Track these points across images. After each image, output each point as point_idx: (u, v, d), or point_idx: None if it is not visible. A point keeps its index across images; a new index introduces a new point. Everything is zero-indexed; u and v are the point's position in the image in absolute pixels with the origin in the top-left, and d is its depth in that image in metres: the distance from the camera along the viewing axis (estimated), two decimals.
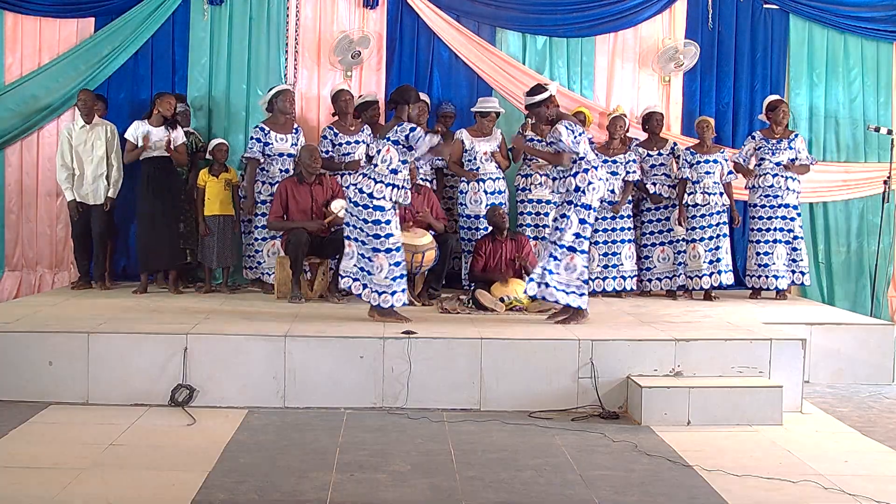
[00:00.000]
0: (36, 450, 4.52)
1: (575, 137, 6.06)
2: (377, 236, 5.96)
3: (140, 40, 8.23)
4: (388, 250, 5.98)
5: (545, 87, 6.30)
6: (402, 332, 5.58)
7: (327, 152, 7.61)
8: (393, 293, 6.02)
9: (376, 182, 5.95)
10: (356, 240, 6.07)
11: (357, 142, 7.73)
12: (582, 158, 6.10)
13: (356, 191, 6.01)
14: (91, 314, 6.20)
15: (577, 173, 6.08)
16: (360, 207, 5.97)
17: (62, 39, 8.30)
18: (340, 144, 7.72)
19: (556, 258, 6.09)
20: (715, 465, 4.42)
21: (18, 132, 8.26)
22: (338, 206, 7.14)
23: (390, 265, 5.99)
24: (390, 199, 5.97)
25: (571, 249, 6.07)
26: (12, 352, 5.43)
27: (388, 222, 5.98)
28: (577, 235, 6.07)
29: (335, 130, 7.77)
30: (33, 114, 8.23)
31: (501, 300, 6.83)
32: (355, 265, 6.13)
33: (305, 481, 4.10)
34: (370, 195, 5.93)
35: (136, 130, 7.36)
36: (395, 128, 6.00)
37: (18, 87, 8.20)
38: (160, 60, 8.34)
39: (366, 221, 5.97)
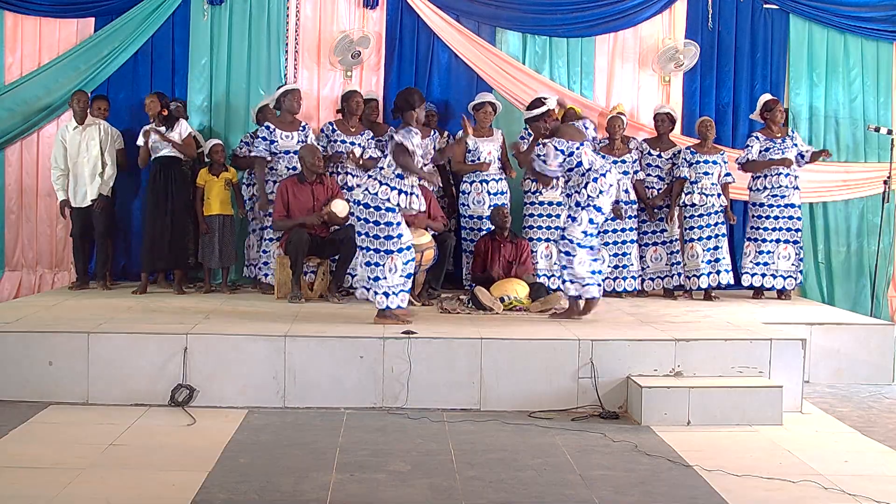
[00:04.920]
0: (36, 450, 4.51)
1: (570, 157, 6.16)
2: (389, 237, 5.92)
3: (140, 40, 8.24)
4: (401, 250, 5.96)
5: (544, 101, 6.35)
6: (403, 332, 5.58)
7: (324, 148, 7.60)
8: (398, 293, 6.00)
9: (381, 184, 5.92)
10: (366, 248, 5.99)
11: (353, 143, 7.71)
12: (590, 169, 6.20)
13: (363, 192, 5.97)
14: (91, 314, 6.20)
15: (587, 184, 6.17)
16: (372, 209, 5.91)
17: (62, 39, 8.31)
18: (336, 142, 7.70)
19: (568, 254, 6.20)
20: (715, 465, 4.42)
21: (18, 132, 8.27)
22: (337, 206, 7.14)
23: (403, 264, 5.98)
24: (396, 203, 5.94)
25: (580, 245, 6.19)
26: (12, 352, 5.43)
27: (398, 224, 5.96)
28: (585, 233, 6.19)
29: (334, 128, 7.76)
30: (33, 114, 8.24)
31: (501, 300, 6.83)
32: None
33: (305, 481, 4.10)
34: (375, 195, 5.90)
35: (144, 136, 7.44)
36: (401, 132, 5.97)
37: (18, 87, 8.21)
38: (160, 60, 8.35)
39: (377, 223, 5.91)
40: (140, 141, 7.47)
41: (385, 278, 5.95)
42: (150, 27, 8.24)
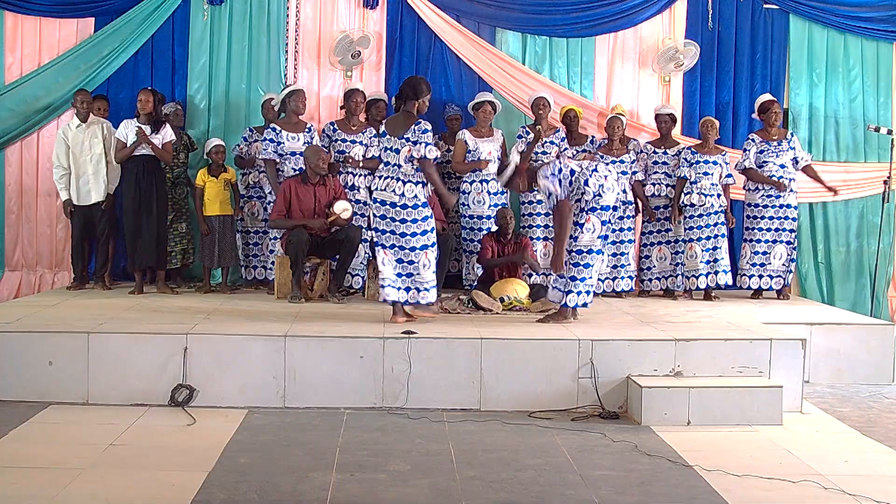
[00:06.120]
0: (36, 450, 4.51)
1: (560, 174, 6.10)
2: (424, 232, 5.93)
3: (140, 40, 8.24)
4: (434, 244, 5.99)
5: (507, 164, 6.37)
6: (402, 332, 5.58)
7: (325, 148, 7.59)
8: (437, 287, 6.06)
9: (406, 183, 5.89)
10: (392, 246, 5.96)
11: (354, 141, 7.70)
12: (581, 171, 6.16)
13: (389, 194, 5.91)
14: (91, 314, 6.20)
15: (587, 180, 6.12)
16: (399, 208, 5.88)
17: (62, 39, 8.31)
18: (337, 141, 7.69)
19: (589, 265, 6.11)
20: (715, 465, 4.42)
21: (18, 132, 8.27)
22: (340, 207, 7.14)
23: (436, 259, 6.03)
24: (423, 197, 5.94)
25: (599, 252, 6.16)
26: (12, 352, 5.43)
27: (431, 217, 5.97)
28: (601, 237, 6.16)
29: (335, 127, 7.74)
30: (33, 114, 8.24)
31: (501, 300, 6.83)
32: (395, 272, 6.01)
33: (305, 481, 4.10)
34: (402, 195, 5.88)
35: (126, 129, 7.34)
36: (413, 127, 5.90)
37: (18, 87, 8.21)
38: (160, 60, 8.35)
39: (414, 221, 5.89)
40: (130, 139, 7.29)
41: (419, 274, 5.95)
42: (150, 27, 8.24)
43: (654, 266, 8.08)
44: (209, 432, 4.87)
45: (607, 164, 7.70)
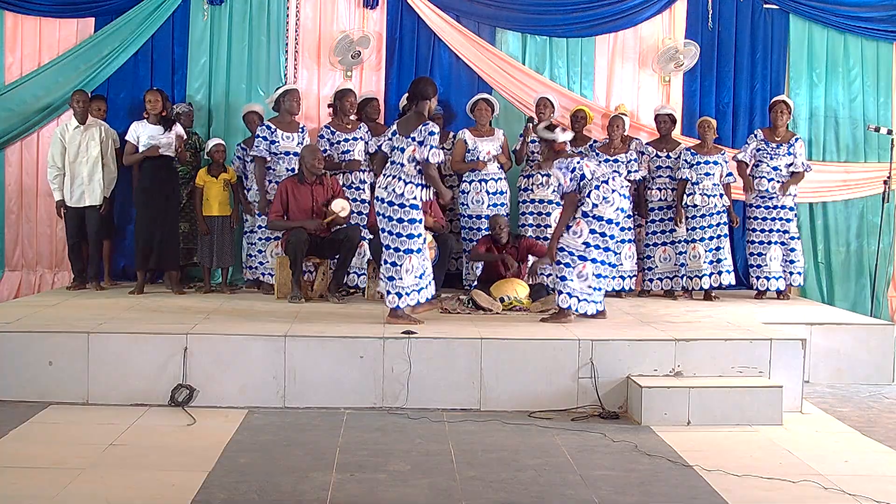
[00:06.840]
0: (36, 450, 4.52)
1: (573, 173, 6.13)
2: (410, 236, 5.88)
3: (140, 40, 8.24)
4: (419, 250, 5.94)
5: (554, 130, 6.39)
6: (402, 332, 5.58)
7: (325, 151, 7.58)
8: (410, 293, 5.94)
9: (406, 183, 5.87)
10: (386, 247, 5.98)
11: (355, 139, 7.70)
12: (592, 178, 6.14)
13: (388, 192, 5.89)
14: (91, 314, 6.20)
15: (590, 192, 6.12)
16: (396, 207, 5.86)
17: (62, 39, 8.31)
18: (338, 142, 7.69)
19: (568, 265, 6.12)
20: (715, 465, 4.42)
21: (18, 132, 8.28)
22: (338, 206, 7.14)
23: (421, 265, 5.97)
24: (420, 199, 5.92)
25: (582, 258, 6.11)
26: (12, 352, 5.43)
27: (420, 221, 5.94)
28: (587, 244, 6.10)
29: (332, 129, 7.74)
30: (33, 114, 8.24)
31: (501, 300, 6.83)
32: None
33: (305, 481, 4.10)
34: (401, 195, 5.86)
35: (136, 132, 7.34)
36: (420, 128, 5.88)
37: (18, 87, 8.21)
38: (160, 60, 8.36)
39: (401, 221, 5.87)
40: (141, 141, 7.30)
41: (401, 279, 5.92)
42: (150, 27, 8.25)
43: (657, 266, 8.07)
44: (209, 432, 4.87)
45: (600, 162, 7.74)
